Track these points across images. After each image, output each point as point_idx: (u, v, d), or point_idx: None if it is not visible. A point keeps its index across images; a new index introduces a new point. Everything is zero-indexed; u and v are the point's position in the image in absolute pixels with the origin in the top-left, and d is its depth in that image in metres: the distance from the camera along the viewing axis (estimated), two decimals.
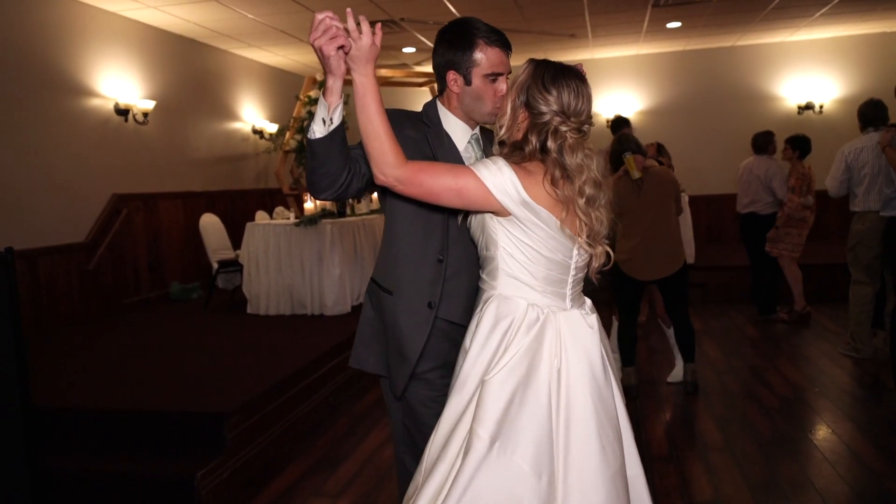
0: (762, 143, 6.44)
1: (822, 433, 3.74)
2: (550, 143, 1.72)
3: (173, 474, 3.18)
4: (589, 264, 1.83)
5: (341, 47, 1.60)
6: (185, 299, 7.07)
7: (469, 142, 2.05)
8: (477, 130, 2.08)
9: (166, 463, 3.28)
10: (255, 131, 9.15)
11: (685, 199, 8.02)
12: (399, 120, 1.93)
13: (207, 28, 7.38)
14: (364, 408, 4.51)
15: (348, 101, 1.80)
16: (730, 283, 7.35)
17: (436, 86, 2.10)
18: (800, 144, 6.15)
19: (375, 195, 7.45)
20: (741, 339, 5.80)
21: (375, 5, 6.71)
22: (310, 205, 6.16)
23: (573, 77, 1.75)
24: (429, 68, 9.59)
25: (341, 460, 3.67)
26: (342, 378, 4.78)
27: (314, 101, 8.15)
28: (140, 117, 6.76)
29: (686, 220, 7.76)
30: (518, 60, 1.84)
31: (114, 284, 6.44)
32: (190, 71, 7.77)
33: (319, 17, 1.58)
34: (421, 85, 8.81)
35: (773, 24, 8.35)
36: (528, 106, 1.74)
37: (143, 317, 6.27)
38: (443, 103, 2.04)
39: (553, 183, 1.70)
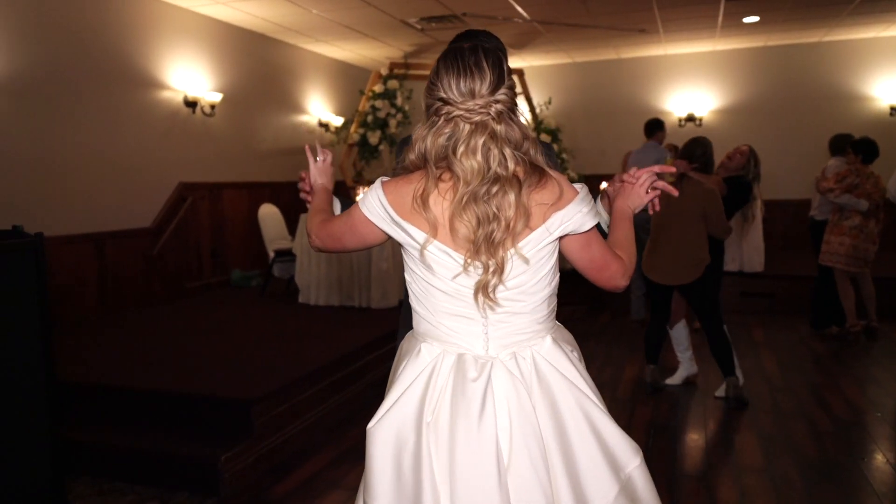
0: (838, 144, 6.06)
1: (875, 462, 3.47)
2: (431, 142, 1.45)
3: (199, 456, 3.27)
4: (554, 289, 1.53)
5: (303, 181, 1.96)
6: (244, 286, 7.28)
7: None
8: None
9: (193, 444, 3.37)
10: (321, 124, 9.32)
11: (758, 204, 7.67)
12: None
13: (274, 23, 7.55)
14: None
15: (411, 95, 2.09)
16: (800, 293, 6.95)
17: None
18: (862, 148, 5.65)
19: None
20: (805, 355, 5.48)
21: (436, 0, 6.69)
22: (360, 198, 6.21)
23: (458, 57, 1.45)
24: None
25: None
26: (380, 372, 4.80)
27: (379, 96, 8.23)
28: (207, 109, 6.99)
29: (756, 227, 7.42)
30: (587, 57, 1.77)
31: (177, 269, 6.70)
32: (257, 65, 7.98)
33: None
34: None
35: (863, 18, 7.83)
36: (426, 109, 1.51)
37: (202, 302, 6.49)
38: None
39: (421, 198, 1.44)
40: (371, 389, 4.60)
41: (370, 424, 1.50)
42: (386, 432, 1.47)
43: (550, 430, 1.45)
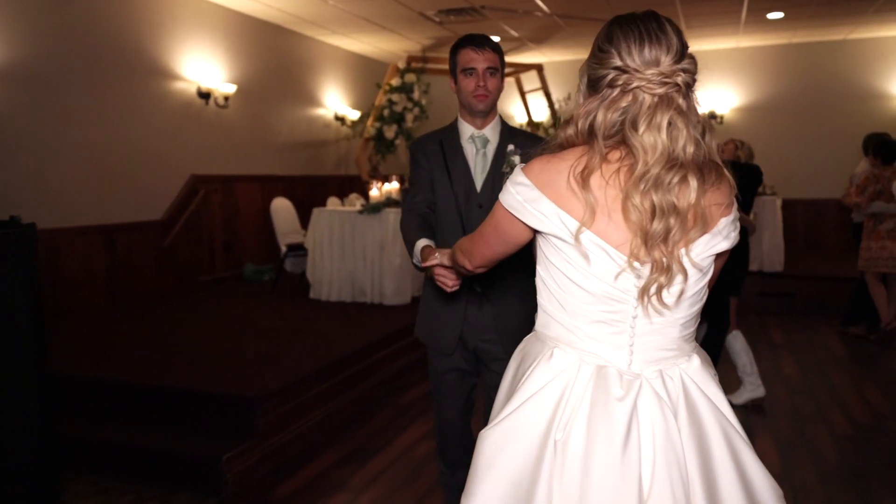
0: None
1: None
2: (603, 116, 1.26)
3: (200, 454, 3.21)
4: (679, 299, 1.30)
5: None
6: (257, 280, 7.24)
7: (470, 137, 2.29)
8: (486, 131, 2.29)
9: (195, 442, 3.32)
10: (337, 118, 9.26)
11: (776, 203, 7.50)
12: (422, 143, 2.34)
13: (290, 14, 7.49)
14: (409, 400, 4.44)
15: (428, 89, 2.05)
16: (821, 294, 6.79)
17: (521, 76, 2.40)
18: (881, 149, 5.55)
19: None
20: (824, 356, 5.33)
21: None
22: (375, 193, 6.14)
23: (638, 21, 1.27)
24: (513, 58, 9.39)
25: (374, 453, 3.61)
26: (391, 369, 4.72)
27: (396, 89, 8.15)
28: (221, 101, 6.95)
29: (776, 226, 7.27)
30: None
31: (189, 262, 6.66)
32: (272, 56, 7.93)
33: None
34: (504, 76, 8.63)
35: (889, 15, 7.62)
36: (590, 83, 1.31)
37: (213, 296, 6.46)
38: (459, 113, 2.34)
39: (582, 175, 1.25)
40: (380, 388, 4.53)
41: (485, 429, 1.35)
42: (503, 440, 1.31)
43: (695, 463, 1.26)
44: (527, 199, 1.30)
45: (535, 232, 1.35)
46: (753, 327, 5.98)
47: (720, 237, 1.30)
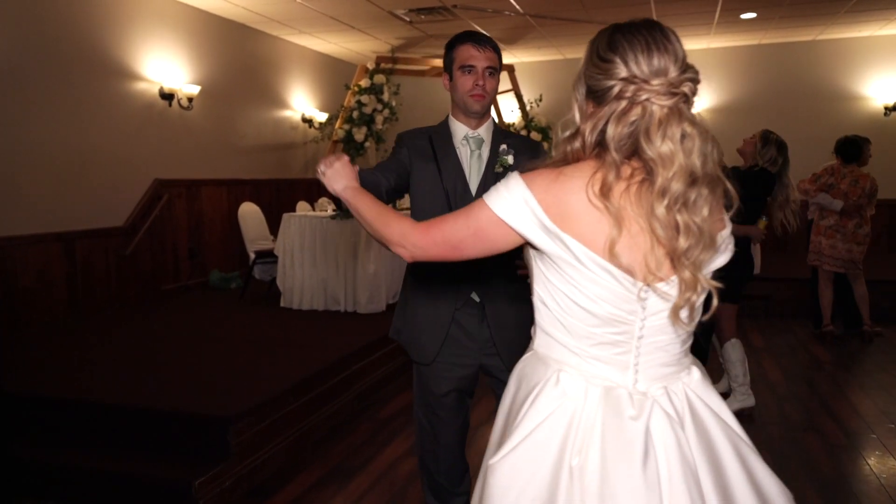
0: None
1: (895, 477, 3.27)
2: (613, 130, 1.19)
3: (170, 479, 2.99)
4: (691, 314, 1.28)
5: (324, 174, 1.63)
6: (223, 288, 6.97)
7: (465, 138, 2.18)
8: (481, 131, 2.18)
9: (164, 467, 3.09)
10: (304, 120, 9.01)
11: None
12: (413, 136, 2.20)
13: (256, 13, 7.24)
14: (389, 413, 4.26)
15: (398, 91, 1.93)
16: (796, 295, 6.78)
17: None
18: (841, 148, 5.67)
19: None
20: (807, 361, 5.29)
21: None
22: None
23: (642, 29, 1.22)
24: None
25: (355, 472, 3.42)
26: (369, 381, 4.53)
27: (365, 91, 7.94)
28: (185, 102, 6.67)
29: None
30: (579, 54, 1.53)
31: (152, 270, 6.37)
32: (238, 56, 7.66)
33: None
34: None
35: (859, 16, 7.68)
36: (592, 93, 1.26)
37: (178, 304, 6.18)
38: (451, 111, 2.24)
39: (602, 191, 1.18)
40: (358, 401, 4.34)
41: (493, 459, 1.27)
42: (516, 470, 1.24)
43: (708, 477, 1.22)
44: (532, 217, 1.24)
45: (530, 246, 1.29)
46: None
47: (719, 252, 1.27)
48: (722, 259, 1.28)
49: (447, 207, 2.09)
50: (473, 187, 2.14)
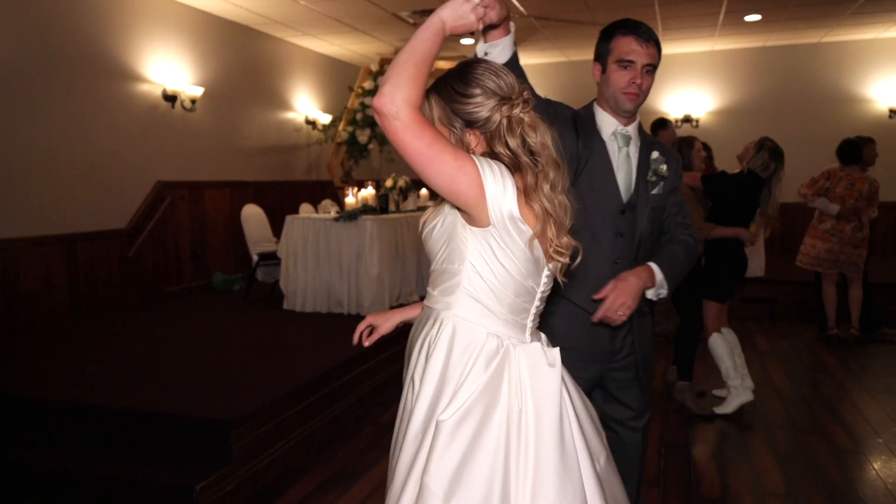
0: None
1: None
2: (511, 141, 1.46)
3: (172, 484, 2.97)
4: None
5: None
6: (227, 290, 6.95)
7: (614, 133, 2.06)
8: (630, 129, 2.07)
9: (166, 471, 3.06)
10: (308, 122, 9.00)
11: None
12: (558, 104, 2.03)
13: (260, 14, 7.23)
14: (392, 417, 4.21)
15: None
16: (800, 298, 6.75)
17: None
18: (840, 150, 5.69)
19: (424, 191, 7.21)
20: (812, 364, 5.26)
21: None
22: (351, 199, 5.92)
23: (476, 64, 1.51)
24: None
25: (358, 476, 3.39)
26: (371, 384, 4.51)
27: (368, 93, 7.93)
28: (188, 104, 6.66)
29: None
30: (582, 56, 1.56)
31: (155, 272, 6.36)
32: (241, 58, 7.65)
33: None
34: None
35: (864, 18, 7.64)
36: (470, 124, 1.47)
37: (181, 307, 6.16)
38: (597, 100, 2.12)
39: (527, 193, 1.46)
40: (360, 405, 4.31)
41: (444, 416, 1.46)
42: (471, 420, 1.45)
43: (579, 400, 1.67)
44: (506, 203, 1.42)
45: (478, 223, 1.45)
46: (737, 334, 5.86)
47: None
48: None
49: (596, 205, 2.01)
50: (622, 187, 2.04)
